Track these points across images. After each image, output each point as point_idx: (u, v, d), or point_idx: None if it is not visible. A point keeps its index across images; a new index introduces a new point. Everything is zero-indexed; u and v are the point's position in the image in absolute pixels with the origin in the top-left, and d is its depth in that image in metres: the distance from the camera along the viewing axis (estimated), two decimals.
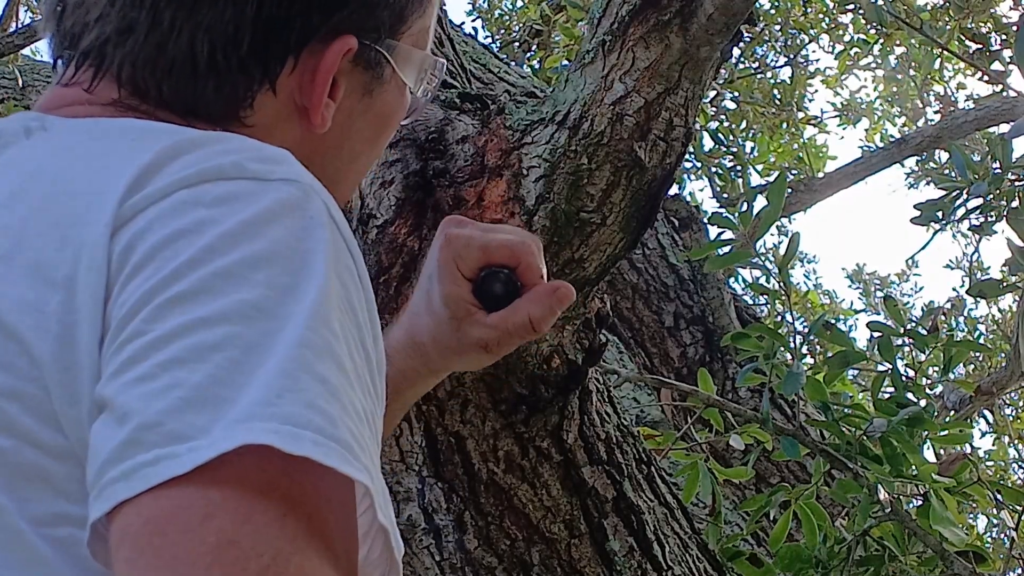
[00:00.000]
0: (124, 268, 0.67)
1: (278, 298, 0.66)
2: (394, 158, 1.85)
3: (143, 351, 0.64)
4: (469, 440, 1.85)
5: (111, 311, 0.67)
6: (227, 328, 0.65)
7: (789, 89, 6.77)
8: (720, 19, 1.65)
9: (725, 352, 3.51)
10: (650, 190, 1.73)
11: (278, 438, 0.62)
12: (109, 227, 0.69)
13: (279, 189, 0.70)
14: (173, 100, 0.84)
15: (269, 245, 0.67)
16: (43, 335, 0.67)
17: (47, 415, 0.67)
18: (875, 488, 2.16)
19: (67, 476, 0.67)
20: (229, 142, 0.74)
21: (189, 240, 0.67)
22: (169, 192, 0.69)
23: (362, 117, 0.93)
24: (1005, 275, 4.19)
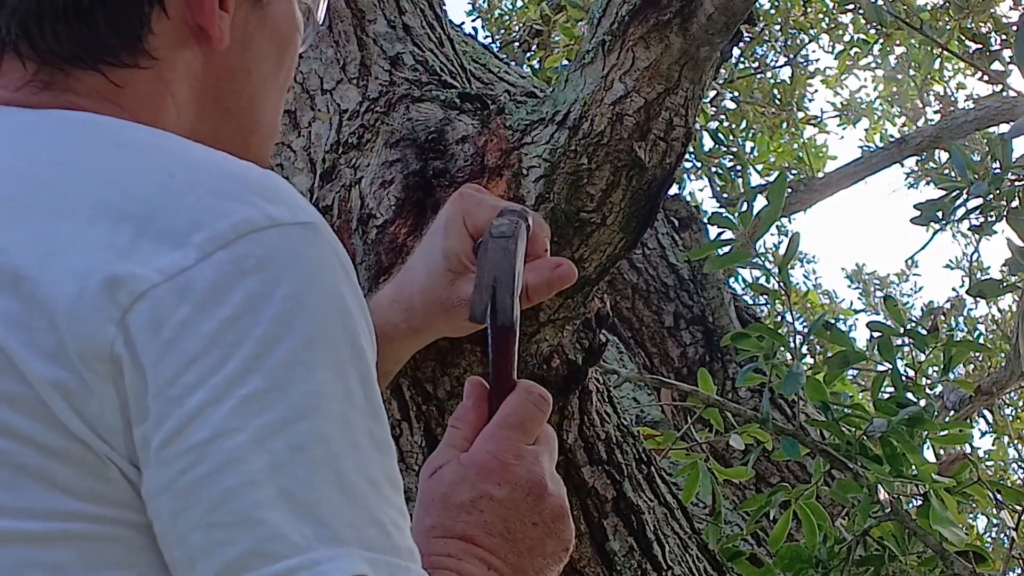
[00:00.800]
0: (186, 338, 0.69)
1: (334, 379, 0.71)
2: (394, 158, 1.85)
3: (240, 452, 0.67)
4: None
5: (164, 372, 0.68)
6: (305, 425, 0.69)
7: (789, 89, 6.77)
8: (720, 19, 1.65)
9: (725, 352, 3.51)
10: (650, 190, 1.73)
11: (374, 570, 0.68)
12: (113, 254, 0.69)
13: (303, 240, 0.73)
14: (76, 50, 0.84)
15: (312, 321, 0.71)
16: (36, 353, 0.68)
17: (48, 419, 0.68)
18: (875, 488, 2.16)
19: (74, 476, 0.68)
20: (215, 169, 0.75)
21: (247, 324, 0.69)
22: (208, 252, 0.70)
23: (259, 32, 0.93)
24: (1005, 275, 4.19)
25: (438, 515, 0.89)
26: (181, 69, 0.88)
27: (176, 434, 0.67)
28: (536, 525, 0.91)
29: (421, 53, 2.06)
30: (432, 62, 2.05)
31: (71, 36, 0.84)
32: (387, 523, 0.70)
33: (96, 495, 0.69)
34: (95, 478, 0.69)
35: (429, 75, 2.01)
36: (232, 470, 0.67)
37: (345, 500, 0.69)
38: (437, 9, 2.25)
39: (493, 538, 0.89)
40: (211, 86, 0.90)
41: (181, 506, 0.67)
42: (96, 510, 0.69)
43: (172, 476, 0.67)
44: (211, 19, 0.88)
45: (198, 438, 0.67)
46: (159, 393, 0.68)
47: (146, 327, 0.68)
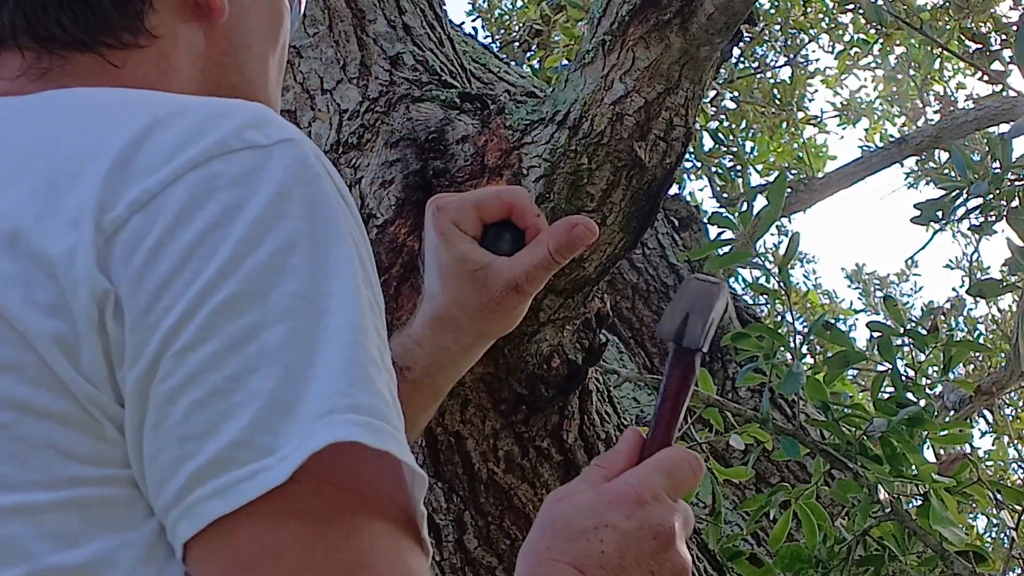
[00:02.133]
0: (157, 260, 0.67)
1: (317, 280, 0.69)
2: (394, 158, 1.85)
3: (210, 362, 0.66)
4: (469, 440, 1.85)
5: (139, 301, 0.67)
6: (284, 326, 0.67)
7: (789, 89, 6.77)
8: (720, 19, 1.65)
9: (725, 352, 3.51)
10: (650, 190, 1.73)
11: (363, 432, 0.66)
12: (98, 201, 0.69)
13: (282, 155, 0.72)
14: (78, 34, 0.85)
15: (294, 225, 0.69)
16: (34, 309, 0.67)
17: (49, 382, 0.68)
18: (875, 488, 2.16)
19: (75, 440, 0.68)
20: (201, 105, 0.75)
21: (221, 234, 0.68)
22: (180, 173, 0.69)
23: (254, 7, 0.95)
24: (1005, 275, 4.19)
25: (556, 537, 0.86)
26: (183, 45, 0.89)
27: (156, 359, 0.66)
28: (653, 574, 0.86)
29: (421, 53, 2.06)
30: (432, 62, 2.05)
31: (75, 20, 0.84)
32: (389, 400, 0.69)
33: (97, 457, 0.68)
34: (95, 438, 0.68)
35: (429, 75, 2.01)
36: (201, 380, 0.66)
37: (332, 380, 0.66)
38: (437, 9, 2.25)
39: (603, 572, 0.85)
40: (213, 62, 0.91)
41: (154, 423, 0.67)
42: (99, 472, 0.68)
43: (148, 399, 0.67)
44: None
45: (170, 353, 0.66)
46: (135, 325, 0.67)
47: (121, 260, 0.67)
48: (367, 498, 0.67)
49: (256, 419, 0.65)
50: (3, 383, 0.67)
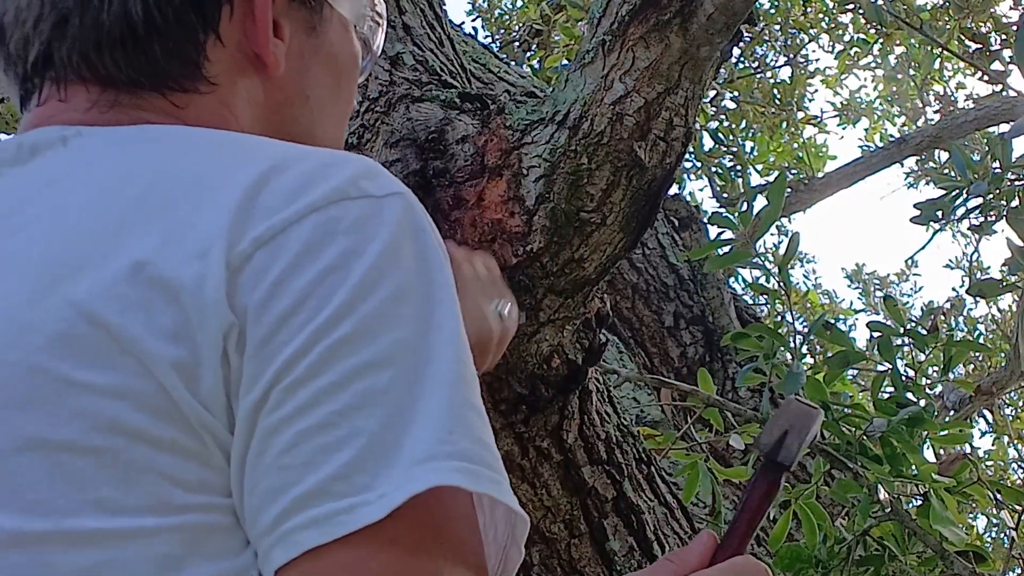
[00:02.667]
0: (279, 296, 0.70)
1: (423, 330, 0.73)
2: (394, 158, 1.85)
3: (318, 396, 0.68)
4: None
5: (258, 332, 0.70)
6: (391, 371, 0.70)
7: (789, 89, 6.77)
8: (720, 19, 1.65)
9: (725, 352, 3.51)
10: (650, 190, 1.73)
11: (462, 478, 0.69)
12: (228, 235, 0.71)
13: (393, 207, 0.76)
14: (134, 76, 0.86)
15: (404, 276, 0.73)
16: (156, 334, 0.69)
17: (163, 411, 0.69)
18: (875, 488, 2.16)
19: (181, 467, 0.69)
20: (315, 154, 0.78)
21: (340, 277, 0.71)
22: (302, 215, 0.72)
23: (314, 58, 0.96)
24: (1005, 275, 4.19)
25: None
26: (241, 94, 0.90)
27: (268, 389, 0.69)
28: None
29: (421, 53, 2.06)
30: (432, 62, 2.05)
31: (130, 63, 0.86)
32: (490, 445, 0.72)
33: (203, 484, 0.70)
34: (202, 465, 0.70)
35: (429, 75, 2.01)
36: (308, 413, 0.68)
37: (434, 426, 0.69)
38: (437, 9, 2.25)
39: None
40: (271, 111, 0.93)
41: (257, 452, 0.69)
42: (203, 499, 0.70)
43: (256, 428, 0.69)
44: (265, 47, 0.91)
45: (283, 385, 0.69)
46: (254, 355, 0.69)
47: (245, 294, 0.70)
48: (454, 543, 0.70)
49: (358, 456, 0.67)
50: (115, 409, 0.69)
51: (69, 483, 0.68)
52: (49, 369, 0.69)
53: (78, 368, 0.69)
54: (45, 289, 0.71)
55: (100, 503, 0.68)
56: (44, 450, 0.68)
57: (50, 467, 0.68)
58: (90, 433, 0.68)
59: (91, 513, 0.67)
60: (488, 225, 1.73)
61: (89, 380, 0.69)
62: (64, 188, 0.78)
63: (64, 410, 0.68)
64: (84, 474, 0.68)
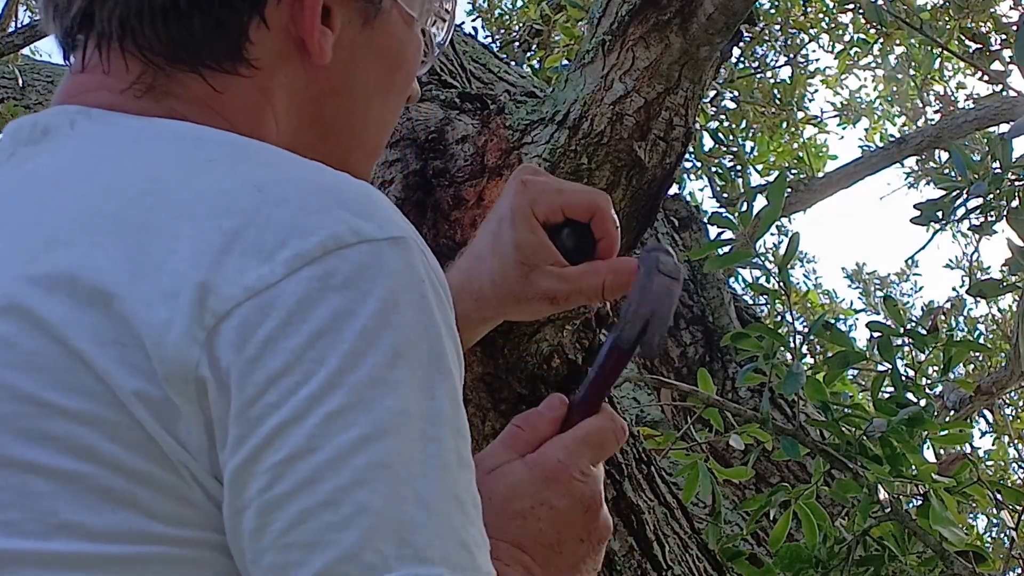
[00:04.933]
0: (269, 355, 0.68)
1: (418, 398, 0.70)
2: (394, 158, 1.85)
3: (319, 473, 0.67)
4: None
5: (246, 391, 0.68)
6: (388, 442, 0.68)
7: (789, 89, 6.77)
8: (720, 19, 1.65)
9: (725, 352, 3.51)
10: (650, 190, 1.73)
11: None
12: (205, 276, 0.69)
13: (391, 256, 0.72)
14: (174, 49, 0.83)
15: (399, 337, 0.71)
16: (127, 369, 0.68)
17: (137, 443, 0.68)
18: (875, 488, 2.16)
19: (155, 499, 0.68)
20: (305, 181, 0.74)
21: (331, 340, 0.69)
22: (295, 267, 0.70)
23: (366, 50, 0.92)
24: (1005, 275, 4.19)
25: (493, 515, 0.87)
26: (282, 81, 0.87)
27: (257, 454, 0.67)
28: (583, 542, 0.91)
29: None
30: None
31: (170, 36, 0.83)
32: (471, 544, 0.70)
33: (179, 518, 0.69)
34: (178, 501, 0.69)
35: (429, 75, 2.01)
36: (310, 489, 0.66)
37: (429, 519, 0.68)
38: None
39: (542, 548, 0.89)
40: (312, 101, 0.90)
41: (258, 526, 0.67)
42: (179, 533, 0.68)
43: (250, 497, 0.67)
44: (311, 34, 0.87)
45: (277, 458, 0.67)
46: (240, 414, 0.67)
47: (230, 346, 0.68)
48: None
49: (365, 535, 0.66)
50: (86, 435, 0.67)
51: (36, 505, 0.67)
52: (19, 387, 0.68)
53: (49, 390, 0.68)
54: (12, 303, 0.69)
55: (67, 527, 0.67)
56: (10, 468, 0.67)
57: (18, 486, 0.67)
58: (60, 457, 0.67)
59: (57, 537, 0.66)
60: None
61: (61, 403, 0.68)
62: (49, 186, 0.76)
63: (34, 431, 0.67)
64: (52, 497, 0.67)
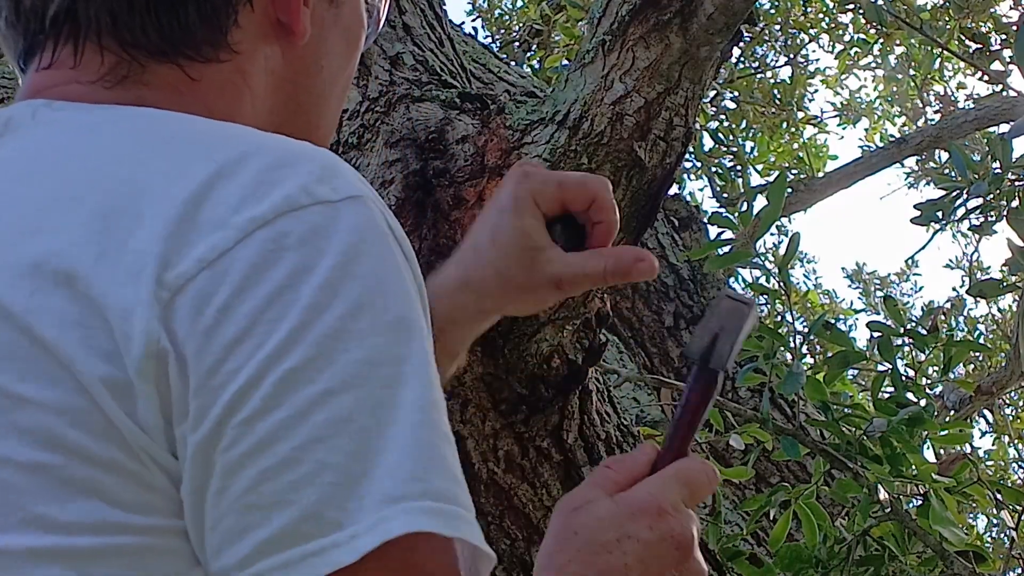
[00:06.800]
0: (225, 322, 0.67)
1: (384, 345, 0.68)
2: (394, 158, 1.85)
3: (278, 431, 0.65)
4: (469, 440, 1.85)
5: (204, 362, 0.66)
6: (352, 394, 0.66)
7: (789, 89, 6.77)
8: (720, 19, 1.65)
9: None
10: (650, 190, 1.73)
11: (437, 522, 0.65)
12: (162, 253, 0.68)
13: (349, 213, 0.71)
14: (161, 43, 0.83)
15: (360, 288, 0.69)
16: (91, 352, 0.67)
17: (100, 430, 0.67)
18: (875, 488, 2.16)
19: (122, 488, 0.67)
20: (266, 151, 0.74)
21: (289, 298, 0.67)
22: (248, 231, 0.69)
23: (333, 29, 0.94)
24: (1005, 275, 4.19)
25: (578, 551, 0.86)
26: (260, 62, 0.88)
27: (219, 425, 0.66)
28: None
29: (421, 53, 2.06)
30: (432, 62, 2.05)
31: (158, 28, 0.83)
32: (461, 479, 0.68)
33: (144, 505, 0.68)
34: (142, 488, 0.68)
35: (429, 75, 2.01)
36: (269, 450, 0.65)
37: (405, 460, 0.66)
38: (437, 9, 2.25)
39: None
40: (287, 80, 0.91)
41: (217, 489, 0.66)
42: (145, 521, 0.68)
43: (213, 465, 0.66)
44: (296, 14, 0.89)
45: (236, 420, 0.66)
46: (200, 386, 0.66)
47: (187, 319, 0.67)
48: None
49: (325, 493, 0.65)
50: (54, 425, 0.67)
51: (6, 499, 0.66)
52: None
53: (17, 382, 0.67)
54: None
55: (36, 520, 0.66)
56: None
57: None
58: (28, 449, 0.66)
59: (27, 530, 0.66)
60: None
61: (29, 394, 0.67)
62: (10, 178, 0.76)
63: (3, 423, 0.67)
64: (21, 490, 0.66)
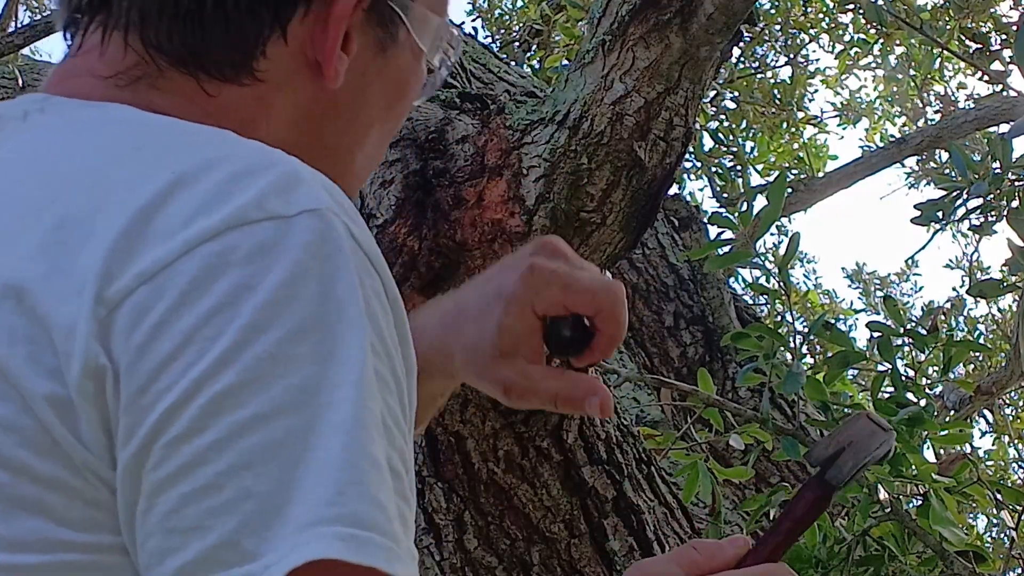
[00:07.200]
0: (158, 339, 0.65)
1: (323, 372, 0.65)
2: (394, 158, 1.85)
3: (204, 454, 0.64)
4: (469, 440, 1.85)
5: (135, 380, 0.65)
6: (283, 422, 0.64)
7: (789, 89, 6.77)
8: (720, 19, 1.65)
9: (725, 352, 3.51)
10: (650, 190, 1.74)
11: (346, 548, 0.62)
12: (104, 268, 0.66)
13: (303, 228, 0.68)
14: (183, 52, 0.82)
15: (304, 310, 0.66)
16: (37, 369, 0.66)
17: (46, 448, 0.66)
18: (875, 488, 2.16)
19: (67, 506, 0.67)
20: (231, 160, 0.71)
21: (228, 317, 0.65)
22: (193, 245, 0.66)
23: (377, 79, 0.90)
24: (1005, 275, 4.19)
25: None
26: (287, 95, 0.86)
27: (147, 443, 0.64)
28: None
29: None
30: None
31: (183, 36, 0.81)
32: (386, 504, 0.65)
33: (89, 522, 0.67)
34: (87, 505, 0.67)
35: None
36: (193, 473, 0.63)
37: (324, 483, 0.63)
38: None
39: None
40: (314, 119, 0.88)
41: (144, 508, 0.65)
42: (90, 538, 0.67)
43: (140, 483, 0.65)
44: (330, 57, 0.85)
45: (163, 440, 0.64)
46: (130, 404, 0.65)
47: (122, 335, 0.65)
48: None
49: (244, 520, 0.63)
50: (2, 442, 0.66)
51: None
52: None
53: None
54: None
55: None
56: None
57: None
58: None
59: None
60: (488, 225, 1.73)
61: None
62: None
63: None
64: None
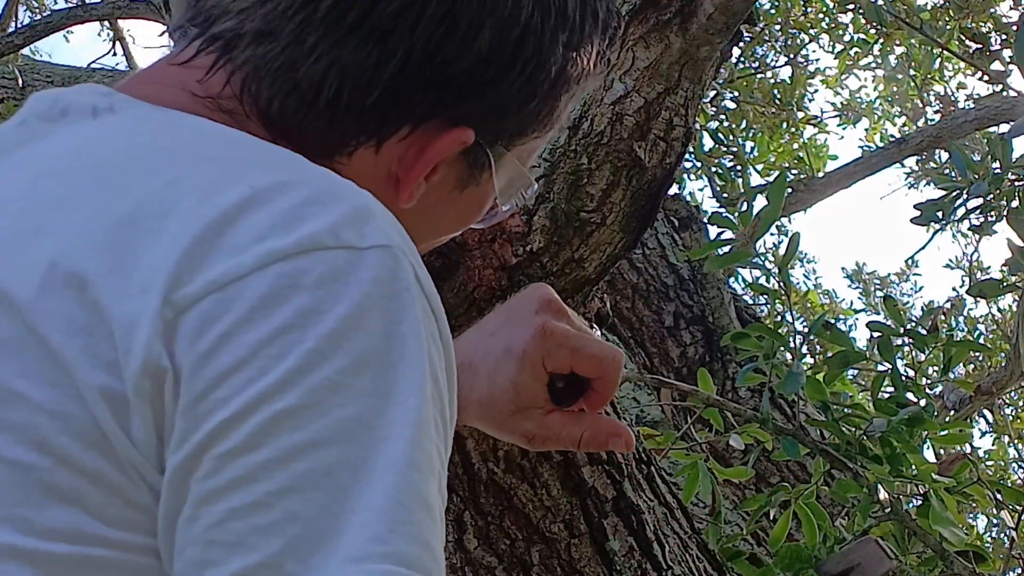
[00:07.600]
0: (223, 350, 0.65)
1: (380, 406, 0.66)
2: None
3: (256, 471, 0.64)
4: (469, 440, 1.85)
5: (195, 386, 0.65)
6: (337, 450, 0.65)
7: (789, 89, 6.78)
8: (720, 19, 1.65)
9: (725, 352, 3.51)
10: (650, 190, 1.74)
11: None
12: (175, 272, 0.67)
13: (373, 262, 0.69)
14: (277, 120, 0.82)
15: (369, 343, 0.67)
16: (92, 361, 0.66)
17: (93, 440, 0.66)
18: (875, 488, 2.16)
19: (104, 500, 0.66)
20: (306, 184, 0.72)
21: (294, 339, 0.66)
22: (265, 263, 0.67)
23: (447, 209, 0.92)
24: (1005, 275, 4.19)
25: None
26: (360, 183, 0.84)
27: (199, 451, 0.65)
28: None
29: None
30: None
31: (282, 111, 0.82)
32: (434, 545, 0.66)
33: (125, 520, 0.67)
34: (125, 503, 0.67)
35: None
36: (243, 489, 0.64)
37: (378, 522, 0.64)
38: None
39: None
40: None
41: (188, 517, 0.65)
42: (123, 536, 0.67)
43: (188, 491, 0.65)
44: (412, 183, 0.87)
45: (217, 452, 0.64)
46: (187, 409, 0.65)
47: (186, 341, 0.65)
48: None
49: (290, 544, 0.63)
50: (45, 427, 0.66)
51: None
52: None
53: (16, 377, 0.66)
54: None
55: (14, 520, 0.65)
56: None
57: None
58: (15, 446, 0.65)
59: (5, 527, 0.64)
60: None
61: (25, 392, 0.66)
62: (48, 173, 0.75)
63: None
64: (2, 487, 0.65)
